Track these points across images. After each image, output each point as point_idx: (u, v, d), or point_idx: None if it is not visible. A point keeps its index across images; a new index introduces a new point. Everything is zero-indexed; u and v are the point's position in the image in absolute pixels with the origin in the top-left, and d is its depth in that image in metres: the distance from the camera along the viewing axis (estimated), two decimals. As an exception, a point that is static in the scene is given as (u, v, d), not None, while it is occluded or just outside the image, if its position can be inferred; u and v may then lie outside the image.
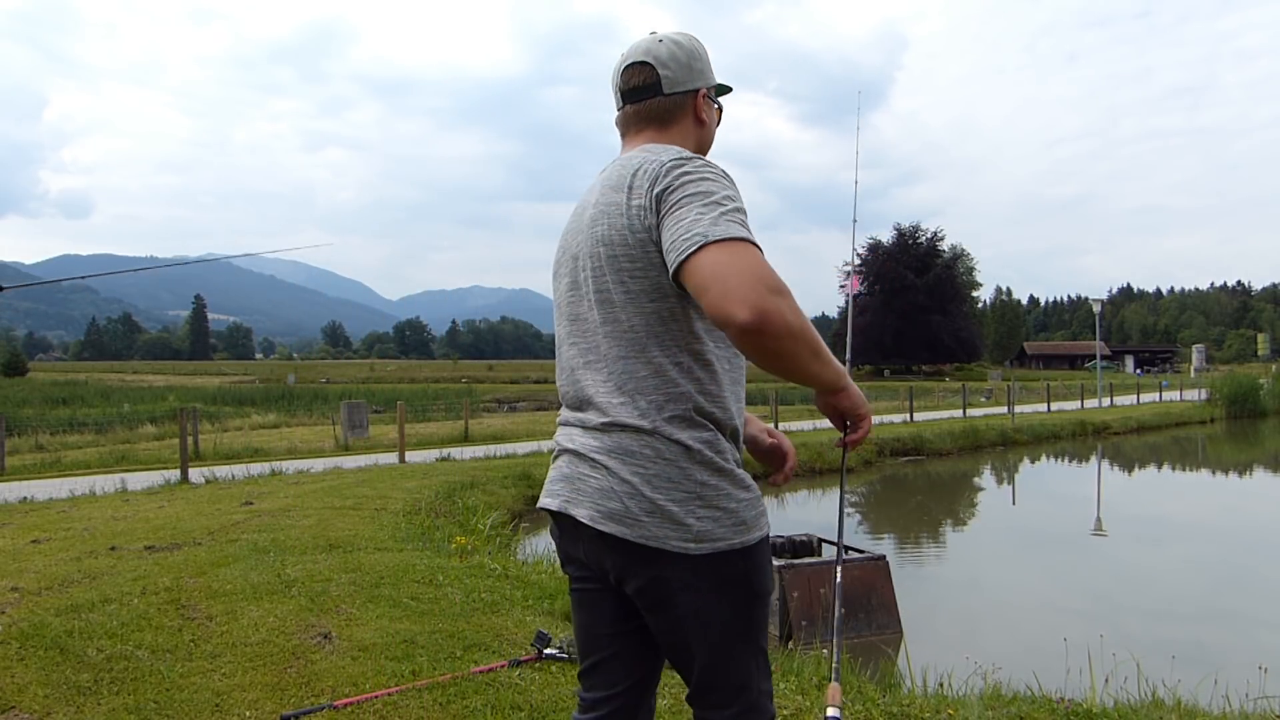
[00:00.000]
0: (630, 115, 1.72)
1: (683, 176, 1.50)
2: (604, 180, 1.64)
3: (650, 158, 1.57)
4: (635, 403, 1.55)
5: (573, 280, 1.67)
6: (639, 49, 1.71)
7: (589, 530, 1.56)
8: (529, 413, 33.07)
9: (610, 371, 1.58)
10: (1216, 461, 19.82)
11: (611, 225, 1.56)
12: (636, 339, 1.56)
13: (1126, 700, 3.74)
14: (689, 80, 1.70)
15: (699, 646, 1.56)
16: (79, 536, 6.47)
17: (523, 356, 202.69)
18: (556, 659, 3.54)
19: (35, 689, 3.23)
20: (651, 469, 1.52)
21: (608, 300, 1.58)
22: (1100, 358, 40.79)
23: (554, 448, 1.72)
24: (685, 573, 1.51)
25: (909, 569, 8.31)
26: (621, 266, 1.55)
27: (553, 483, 1.66)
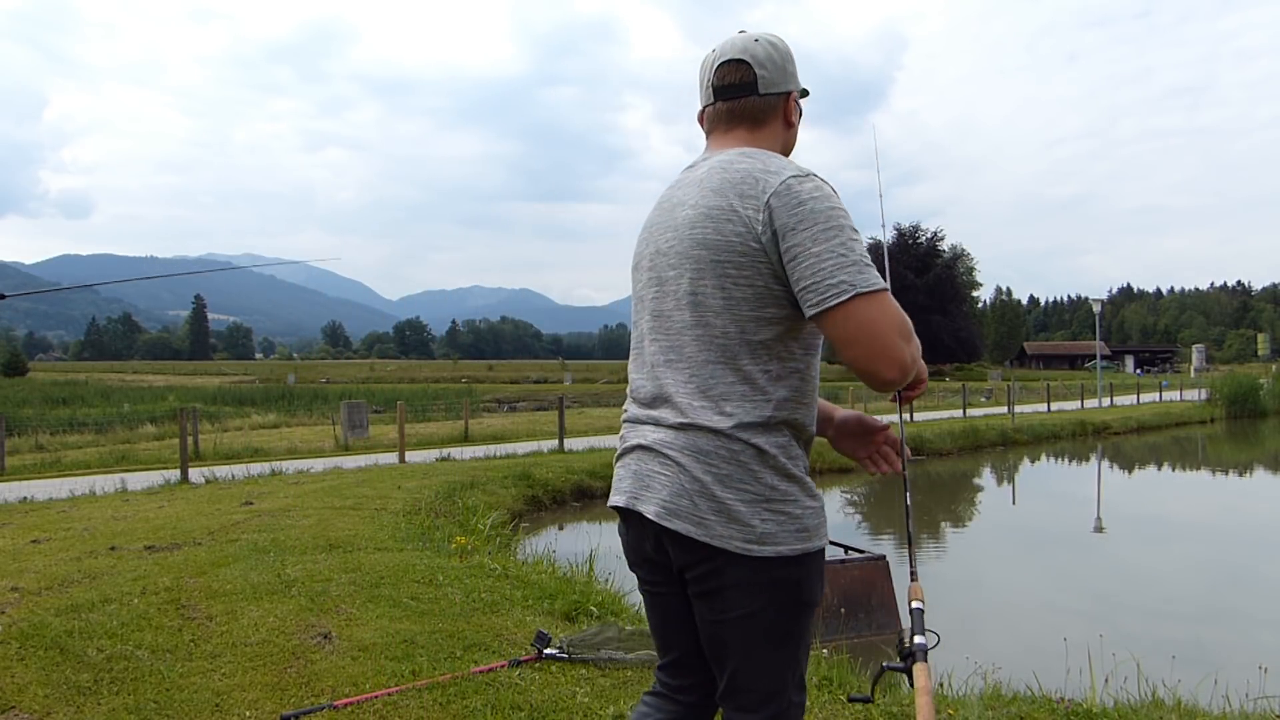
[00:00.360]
0: (722, 112, 1.71)
1: (805, 200, 1.50)
2: (704, 181, 1.62)
3: (759, 166, 1.57)
4: (719, 407, 1.56)
5: (658, 276, 1.67)
6: (735, 46, 1.70)
7: (654, 525, 1.58)
8: (529, 413, 33.07)
9: (693, 374, 1.59)
10: (1216, 461, 19.82)
11: (719, 230, 1.55)
12: (728, 345, 1.57)
13: (1126, 700, 3.74)
14: (783, 82, 1.70)
15: (738, 645, 1.58)
16: (79, 536, 6.47)
17: (523, 356, 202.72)
18: (556, 659, 3.54)
19: (35, 689, 3.23)
20: (724, 469, 1.54)
21: (702, 303, 1.58)
22: (1100, 358, 40.82)
23: (620, 443, 1.74)
24: (743, 572, 1.54)
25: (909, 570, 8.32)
26: (725, 272, 1.55)
27: (621, 480, 1.69)
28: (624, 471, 1.69)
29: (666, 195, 1.74)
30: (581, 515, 11.09)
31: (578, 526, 10.36)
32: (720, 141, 1.72)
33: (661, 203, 1.74)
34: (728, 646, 1.59)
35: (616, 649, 3.63)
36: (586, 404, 38.42)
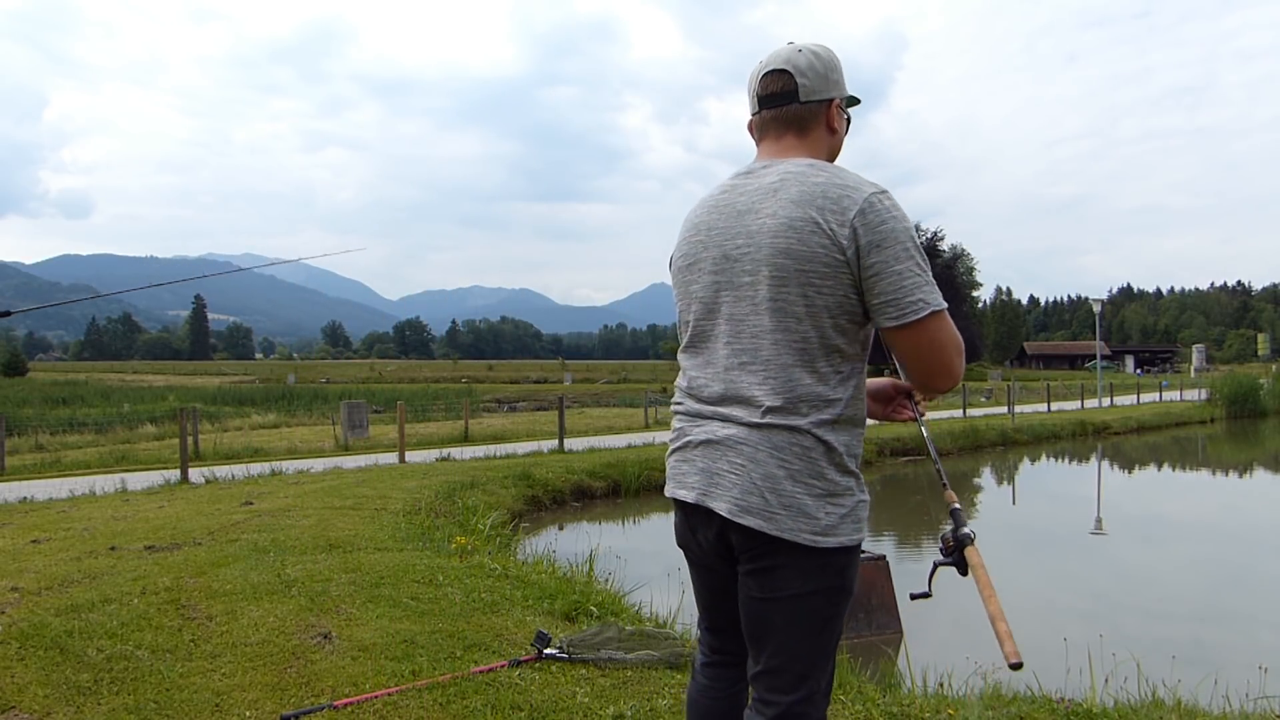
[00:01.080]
0: (768, 120, 1.80)
1: (889, 221, 1.62)
2: (779, 191, 1.69)
3: (838, 180, 1.66)
4: (797, 408, 1.66)
5: (730, 281, 1.73)
6: (779, 57, 1.79)
7: (720, 518, 1.69)
8: (529, 413, 33.07)
9: (769, 375, 1.68)
10: (1216, 461, 19.82)
11: (804, 241, 1.63)
12: (808, 350, 1.67)
13: (1126, 700, 3.74)
14: (824, 90, 1.78)
15: (782, 625, 1.69)
16: (79, 536, 6.47)
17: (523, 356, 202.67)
18: (556, 659, 3.54)
19: (35, 689, 3.23)
20: (796, 465, 1.65)
21: (785, 310, 1.66)
22: (1100, 358, 40.80)
23: (676, 435, 1.83)
24: (802, 560, 1.66)
25: (909, 569, 8.31)
26: (810, 281, 1.64)
27: (686, 475, 1.77)
28: (687, 466, 1.77)
29: (725, 200, 1.79)
30: (581, 515, 11.09)
31: (578, 526, 10.36)
32: (771, 149, 1.81)
33: (720, 206, 1.79)
34: (772, 625, 1.69)
35: (616, 649, 3.63)
36: (586, 404, 38.42)
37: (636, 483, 12.46)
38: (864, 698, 3.36)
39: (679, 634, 4.13)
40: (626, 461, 12.99)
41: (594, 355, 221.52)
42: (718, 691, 1.90)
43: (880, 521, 11.63)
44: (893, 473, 15.98)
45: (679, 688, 3.31)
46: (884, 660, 5.37)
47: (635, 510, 11.68)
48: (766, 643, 1.70)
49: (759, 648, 1.72)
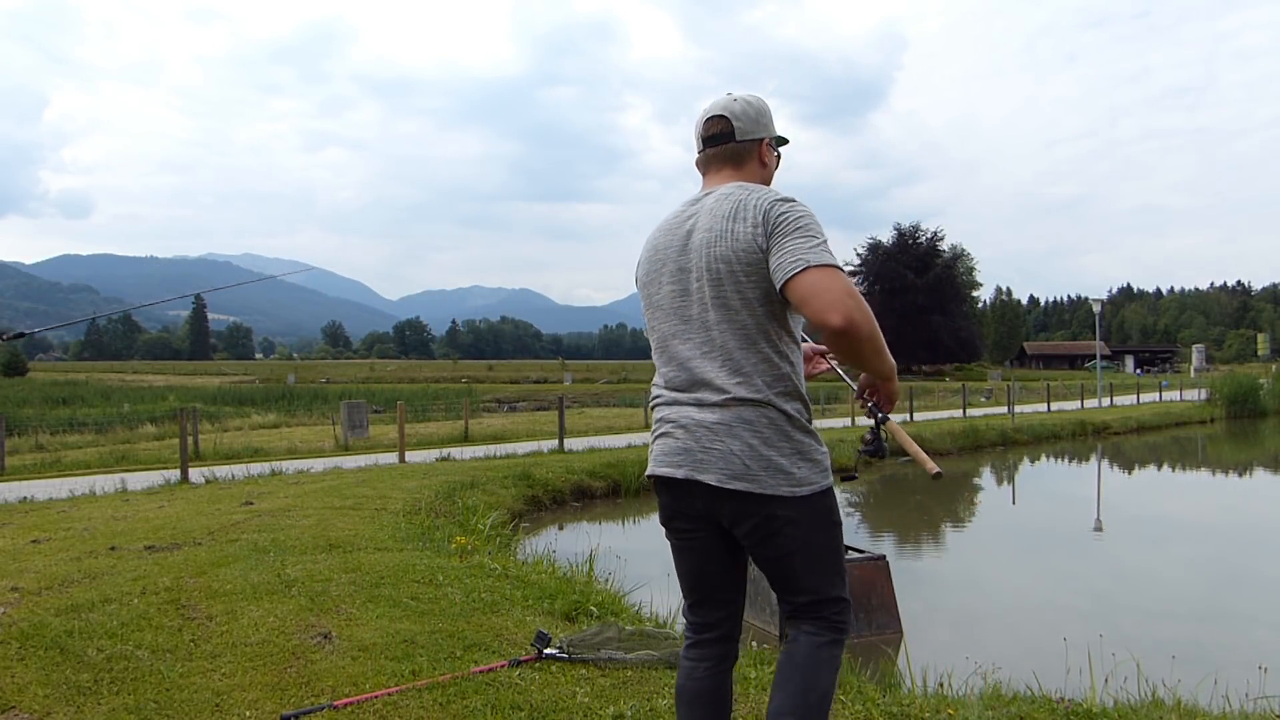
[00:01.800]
0: (711, 156, 2.19)
1: (786, 214, 1.95)
2: (713, 210, 2.05)
3: (754, 194, 2.02)
4: (751, 382, 2.00)
5: (682, 289, 2.09)
6: (718, 105, 2.18)
7: (707, 489, 2.00)
8: (529, 413, 33.07)
9: (726, 359, 2.01)
10: (1216, 461, 19.81)
11: (731, 247, 1.98)
12: (749, 334, 2.01)
13: (1126, 700, 3.74)
14: (755, 131, 2.16)
15: (803, 567, 2.04)
16: (79, 536, 6.47)
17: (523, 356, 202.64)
18: (556, 659, 3.54)
19: (35, 689, 3.23)
20: (766, 432, 1.98)
21: (726, 304, 2.01)
22: (1100, 358, 40.80)
23: (658, 424, 2.13)
24: (790, 510, 1.98)
25: (909, 569, 8.31)
26: (739, 279, 1.99)
27: (669, 454, 2.06)
28: (670, 446, 2.07)
29: (676, 223, 2.15)
30: (581, 515, 11.09)
31: (578, 526, 10.36)
32: (713, 180, 2.18)
33: (669, 229, 2.15)
34: (795, 572, 2.04)
35: (616, 649, 3.63)
36: (586, 404, 38.42)
37: (636, 483, 12.46)
38: (864, 698, 3.36)
39: (679, 634, 4.13)
40: (626, 461, 12.99)
41: (594, 355, 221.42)
42: (702, 671, 2.13)
43: (880, 521, 11.63)
44: (892, 473, 15.98)
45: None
46: (884, 660, 5.37)
47: (635, 510, 11.68)
48: (796, 586, 2.06)
49: (792, 591, 2.07)
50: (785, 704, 2.01)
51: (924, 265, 70.10)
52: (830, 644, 2.06)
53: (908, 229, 72.95)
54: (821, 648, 2.05)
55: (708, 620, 2.16)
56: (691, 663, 2.16)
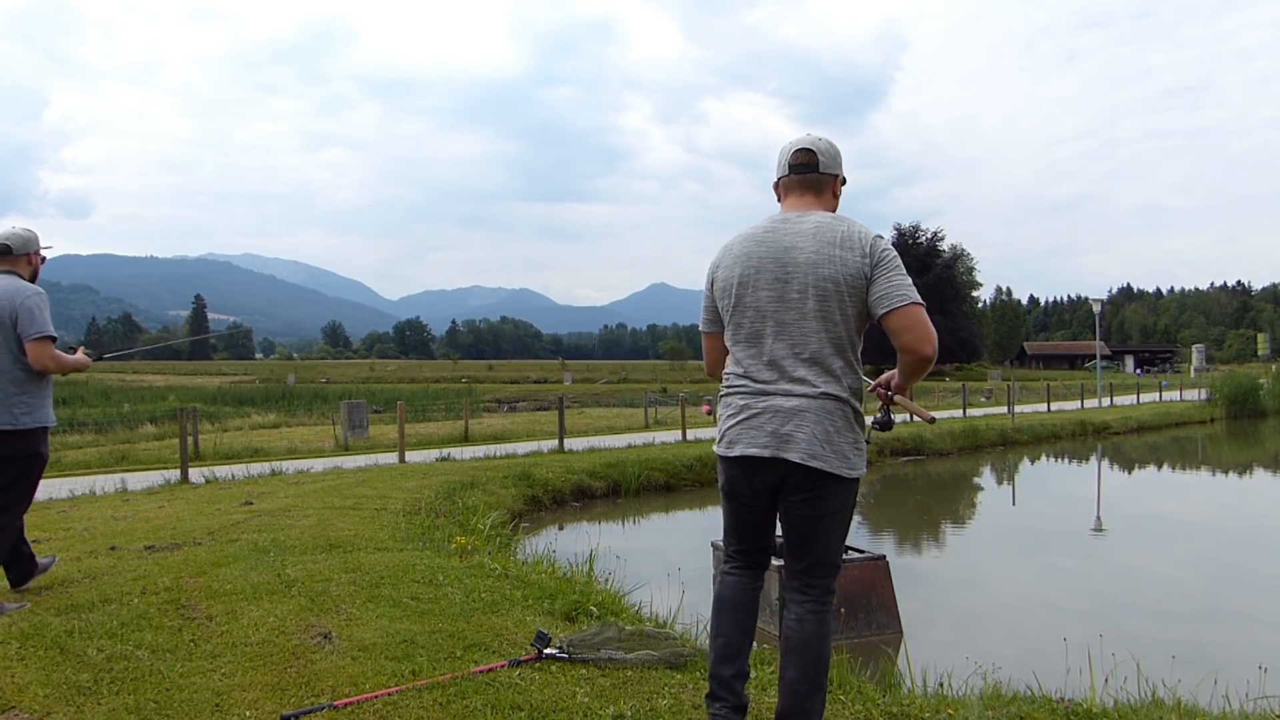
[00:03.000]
0: (795, 182, 2.63)
1: (887, 250, 2.46)
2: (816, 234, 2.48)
3: (855, 228, 2.49)
4: (840, 382, 2.49)
5: (779, 295, 2.50)
6: (806, 140, 2.63)
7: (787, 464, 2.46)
8: (529, 413, 33.07)
9: (818, 361, 2.48)
10: (1216, 461, 19.81)
11: (838, 271, 2.44)
12: (840, 344, 2.49)
13: (1126, 700, 3.74)
14: (833, 167, 2.64)
15: (825, 533, 2.55)
16: (79, 536, 6.47)
17: (523, 356, 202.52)
18: (556, 659, 3.54)
19: (35, 689, 3.23)
20: (840, 424, 2.48)
21: (828, 317, 2.46)
22: (1100, 358, 40.80)
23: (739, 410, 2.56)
24: (839, 486, 2.49)
25: (909, 569, 8.31)
26: (845, 298, 2.45)
27: (755, 436, 2.50)
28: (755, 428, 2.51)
29: (764, 237, 2.56)
30: (581, 515, 11.09)
31: (578, 526, 10.36)
32: (795, 204, 2.62)
33: (761, 241, 2.56)
34: (818, 533, 2.54)
35: (616, 649, 3.63)
36: (586, 404, 38.41)
37: (636, 483, 12.46)
38: (864, 698, 3.36)
39: (679, 634, 4.13)
40: (626, 461, 12.99)
41: (594, 355, 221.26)
42: (740, 587, 2.70)
43: (880, 521, 11.63)
44: (892, 473, 15.98)
45: (679, 688, 3.31)
46: (884, 660, 5.37)
47: (635, 510, 11.68)
48: (814, 546, 2.55)
49: (806, 550, 2.56)
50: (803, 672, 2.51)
51: (924, 265, 70.08)
52: (828, 613, 2.58)
53: (908, 229, 72.95)
54: (823, 622, 2.55)
55: (747, 558, 2.72)
56: (734, 578, 2.71)
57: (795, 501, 2.51)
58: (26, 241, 4.42)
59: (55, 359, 4.29)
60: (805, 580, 2.57)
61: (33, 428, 4.29)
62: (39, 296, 4.26)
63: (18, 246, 4.38)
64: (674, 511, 11.83)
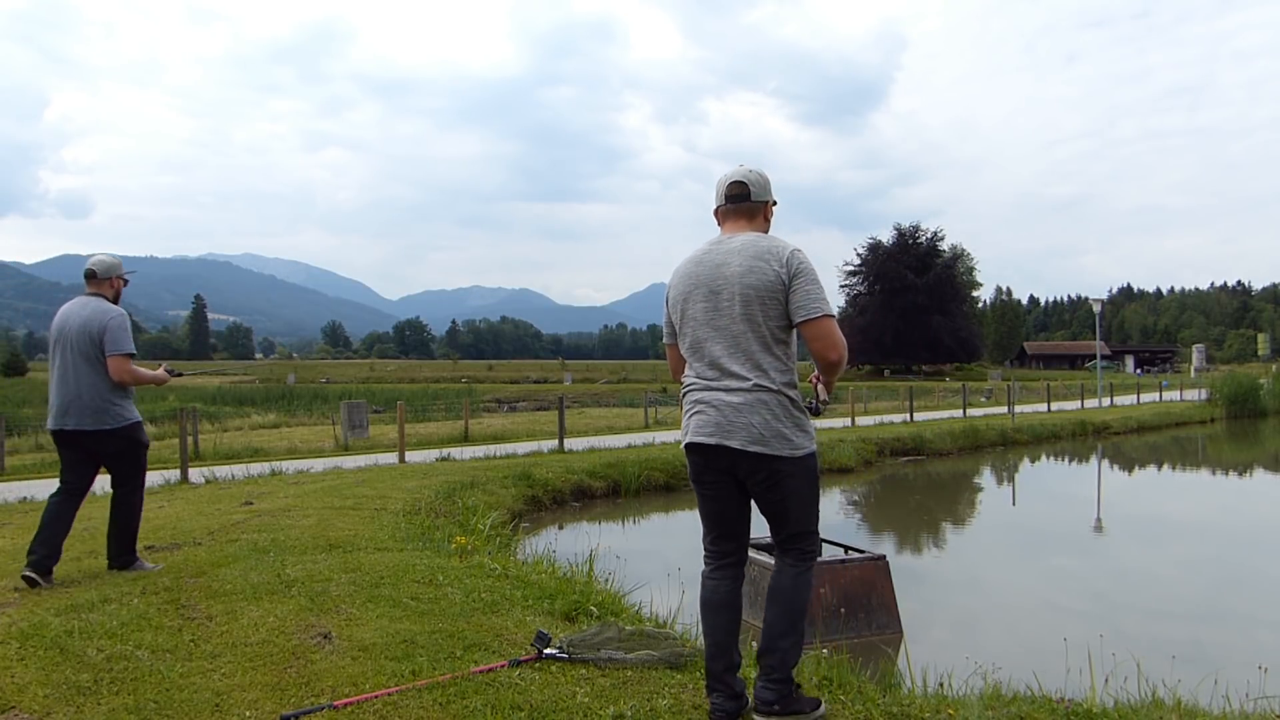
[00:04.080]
0: (730, 210, 3.03)
1: (804, 263, 2.84)
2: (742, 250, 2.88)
3: (777, 243, 2.88)
4: (768, 375, 2.84)
5: (713, 305, 2.89)
6: (739, 173, 3.03)
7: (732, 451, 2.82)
8: (529, 413, 33.06)
9: (749, 359, 2.85)
10: (1216, 461, 19.81)
11: (760, 279, 2.83)
12: (766, 342, 2.85)
13: (1126, 700, 3.74)
14: (764, 195, 3.05)
15: (793, 509, 2.91)
16: (79, 536, 6.47)
17: (523, 356, 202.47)
18: (556, 659, 3.54)
19: (35, 689, 3.23)
20: (778, 410, 2.83)
21: (753, 320, 2.84)
22: (1100, 358, 40.79)
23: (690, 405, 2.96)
24: (789, 467, 2.85)
25: (909, 569, 8.31)
26: (766, 303, 2.83)
27: (704, 427, 2.88)
28: (703, 420, 2.89)
29: (702, 258, 2.97)
30: (581, 515, 11.09)
31: (578, 526, 10.36)
32: (731, 228, 3.03)
33: (699, 261, 2.97)
34: (787, 509, 2.91)
35: (616, 649, 3.63)
36: (586, 404, 38.41)
37: (636, 483, 12.46)
38: (864, 698, 3.35)
39: (679, 634, 4.13)
40: (626, 461, 12.98)
41: (594, 355, 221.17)
42: (723, 588, 3.02)
43: (880, 521, 11.63)
44: (892, 473, 15.98)
45: (679, 688, 3.31)
46: (884, 660, 5.37)
47: (635, 510, 11.68)
48: (786, 520, 2.93)
49: (782, 525, 2.95)
50: (777, 615, 2.95)
51: (924, 265, 70.05)
52: (805, 571, 2.97)
53: (908, 229, 72.92)
54: (799, 576, 2.95)
55: (725, 549, 3.04)
56: (714, 581, 3.04)
57: (758, 488, 2.89)
58: (110, 267, 5.05)
59: (132, 373, 4.94)
60: (785, 547, 2.98)
61: (131, 423, 5.03)
62: (121, 318, 4.89)
63: (102, 271, 5.01)
64: (674, 511, 11.83)
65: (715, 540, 3.04)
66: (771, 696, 2.90)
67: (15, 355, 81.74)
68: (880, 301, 68.56)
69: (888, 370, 68.93)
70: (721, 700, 2.95)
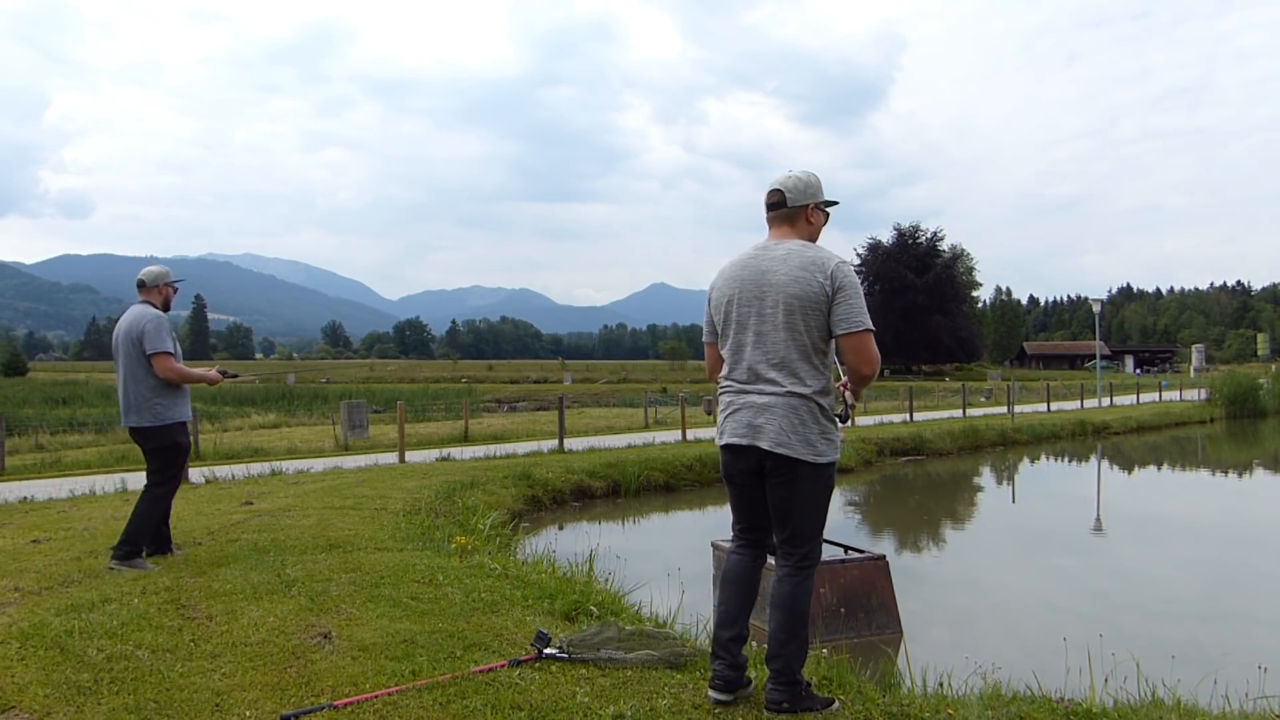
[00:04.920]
0: (773, 217, 3.15)
1: (848, 276, 2.94)
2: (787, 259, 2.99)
3: (822, 254, 2.99)
4: (803, 382, 2.95)
5: (758, 311, 3.01)
6: (777, 180, 3.13)
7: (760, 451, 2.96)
8: (529, 413, 33.07)
9: (787, 364, 2.97)
10: (1216, 461, 19.80)
11: (805, 290, 2.93)
12: (805, 351, 2.96)
13: (1126, 700, 3.74)
14: (802, 199, 3.10)
15: (799, 510, 3.01)
16: (79, 536, 6.47)
17: (523, 356, 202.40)
18: (556, 659, 3.54)
19: (35, 689, 3.23)
20: (806, 417, 2.95)
21: (795, 329, 2.95)
22: (1100, 358, 40.79)
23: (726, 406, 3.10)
24: (808, 470, 2.96)
25: (909, 569, 8.31)
26: (809, 313, 2.94)
27: (736, 428, 3.03)
28: (736, 423, 3.04)
29: (747, 263, 3.08)
30: (581, 515, 11.09)
31: (578, 526, 10.36)
32: (775, 234, 3.14)
33: (744, 266, 3.09)
34: (792, 510, 3.01)
35: (616, 649, 3.63)
36: (586, 404, 38.42)
37: (636, 483, 12.46)
38: (864, 698, 3.35)
39: (679, 634, 4.13)
40: (626, 461, 12.98)
41: (594, 355, 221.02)
42: (745, 561, 3.20)
43: (880, 521, 11.63)
44: (892, 473, 15.98)
45: (679, 688, 3.31)
46: (884, 660, 5.37)
47: (635, 510, 11.68)
48: (790, 520, 3.02)
49: (784, 524, 3.04)
50: (780, 624, 3.04)
51: (924, 265, 70.05)
52: (803, 579, 3.05)
53: (908, 229, 72.91)
54: (798, 584, 3.04)
55: (751, 537, 3.22)
56: (737, 557, 3.22)
57: (774, 484, 3.01)
58: (157, 276, 5.51)
59: (176, 370, 5.28)
60: (786, 549, 3.05)
61: (170, 423, 5.30)
62: (157, 319, 5.28)
63: (150, 280, 5.48)
64: (674, 511, 11.83)
65: (743, 531, 3.22)
66: (780, 696, 3.02)
67: (15, 355, 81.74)
68: (880, 301, 68.51)
69: (888, 370, 68.91)
70: (723, 668, 3.09)
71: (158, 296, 5.47)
